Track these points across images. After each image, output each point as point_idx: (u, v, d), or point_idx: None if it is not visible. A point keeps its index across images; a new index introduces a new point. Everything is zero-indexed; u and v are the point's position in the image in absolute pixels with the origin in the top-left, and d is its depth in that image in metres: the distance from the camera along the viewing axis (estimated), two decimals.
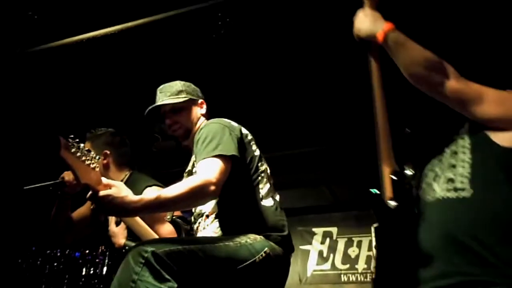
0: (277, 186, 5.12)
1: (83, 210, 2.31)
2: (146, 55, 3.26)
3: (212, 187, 1.52)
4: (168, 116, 1.90)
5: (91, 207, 2.21)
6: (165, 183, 1.89)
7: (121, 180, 2.20)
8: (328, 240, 5.82)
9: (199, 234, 1.73)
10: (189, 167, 1.83)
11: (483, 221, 1.17)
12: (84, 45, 3.05)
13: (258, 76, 3.56)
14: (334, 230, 5.84)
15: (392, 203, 1.32)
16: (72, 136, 1.59)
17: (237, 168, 1.64)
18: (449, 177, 1.30)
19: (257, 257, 1.52)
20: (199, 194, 1.52)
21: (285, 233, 1.67)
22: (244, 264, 1.49)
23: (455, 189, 1.25)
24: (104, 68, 3.44)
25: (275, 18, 2.99)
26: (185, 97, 1.91)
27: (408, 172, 1.43)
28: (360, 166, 4.90)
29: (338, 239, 5.77)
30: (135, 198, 1.44)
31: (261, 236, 1.59)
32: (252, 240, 1.56)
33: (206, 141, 1.65)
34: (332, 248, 5.74)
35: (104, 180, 1.47)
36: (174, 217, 1.75)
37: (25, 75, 3.47)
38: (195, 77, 2.41)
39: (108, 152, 2.27)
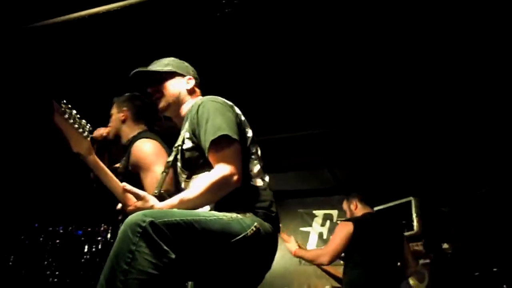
0: (279, 168, 5.13)
1: None
2: (148, 32, 3.22)
3: (235, 177, 1.57)
4: (151, 84, 1.90)
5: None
6: None
7: (133, 136, 2.35)
8: (328, 222, 5.86)
9: None
10: (178, 142, 1.80)
11: None
12: (86, 22, 3.02)
13: (263, 56, 3.53)
14: (334, 212, 5.87)
15: None
16: (64, 101, 1.59)
17: None
18: None
19: (248, 231, 1.52)
20: (222, 188, 1.57)
21: (273, 213, 1.67)
22: (237, 238, 1.49)
23: None
24: (106, 45, 3.41)
25: None
26: (170, 69, 1.90)
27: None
28: (361, 149, 4.91)
29: (338, 222, 5.80)
30: (161, 205, 1.53)
31: (251, 213, 1.60)
32: (242, 215, 1.57)
33: (210, 120, 1.64)
34: (332, 231, 5.76)
35: (127, 186, 1.57)
36: (162, 191, 1.75)
37: (25, 51, 3.44)
38: (196, 55, 2.40)
39: (126, 108, 2.44)
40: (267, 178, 1.76)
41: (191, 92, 1.92)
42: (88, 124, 1.69)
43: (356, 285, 3.00)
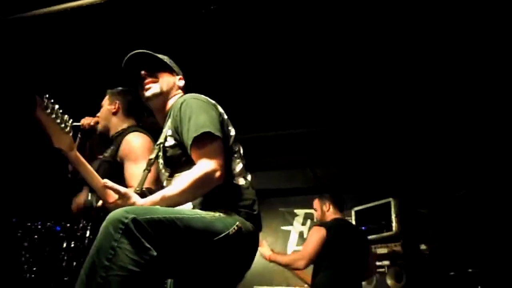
0: (261, 167, 5.13)
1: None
2: (131, 27, 3.19)
3: (218, 174, 1.56)
4: (146, 68, 1.87)
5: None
6: None
7: (122, 128, 2.39)
8: (309, 221, 5.89)
9: None
10: (160, 140, 1.79)
11: None
12: (69, 14, 2.97)
13: (246, 54, 3.53)
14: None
15: None
16: (47, 96, 1.57)
17: None
18: None
19: (230, 229, 1.52)
20: (205, 185, 1.56)
21: (255, 211, 1.68)
22: (219, 236, 1.49)
23: None
24: (88, 39, 3.36)
25: None
26: (167, 63, 1.92)
27: None
28: (343, 150, 4.96)
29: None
30: (142, 201, 1.51)
31: (233, 212, 1.61)
32: (224, 214, 1.57)
33: (193, 117, 1.64)
34: None
35: (108, 183, 1.53)
36: (143, 189, 1.74)
37: (6, 43, 3.38)
38: (180, 51, 2.39)
39: (118, 101, 2.48)
40: (249, 177, 1.77)
41: (180, 90, 1.93)
42: (71, 120, 1.67)
43: (325, 284, 3.05)
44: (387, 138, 4.67)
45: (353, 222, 4.82)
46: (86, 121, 2.49)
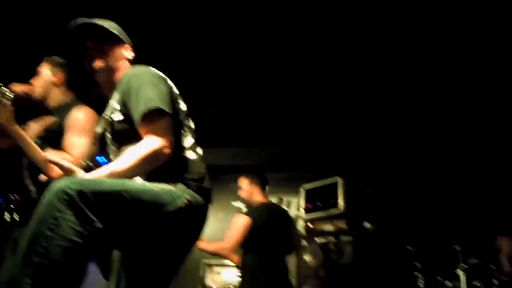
0: (215, 143, 5.10)
1: None
2: None
3: (166, 151, 1.54)
4: (92, 39, 1.80)
5: None
6: None
7: (65, 101, 2.35)
8: None
9: None
10: (107, 112, 1.75)
11: None
12: None
13: (204, 28, 3.48)
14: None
15: None
16: None
17: None
18: None
19: (179, 202, 1.53)
20: (153, 161, 1.53)
21: (205, 185, 1.68)
22: (167, 209, 1.49)
23: None
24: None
25: None
26: (116, 33, 1.84)
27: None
28: (295, 129, 5.04)
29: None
30: (88, 176, 1.45)
31: (182, 185, 1.60)
32: (174, 187, 1.57)
33: (142, 91, 1.60)
34: None
35: (51, 157, 1.48)
36: (89, 163, 1.70)
37: None
38: (130, 20, 2.30)
39: (61, 72, 2.43)
40: (200, 151, 1.76)
41: (128, 62, 1.87)
42: (12, 94, 1.59)
43: (254, 269, 3.19)
44: (339, 120, 4.78)
45: (303, 200, 4.95)
46: (19, 87, 2.32)
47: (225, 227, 3.66)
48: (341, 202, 4.52)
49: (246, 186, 3.61)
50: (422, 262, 3.73)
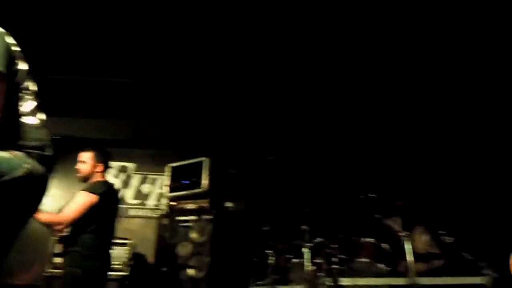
0: (81, 114, 4.80)
1: None
2: None
3: None
4: None
5: None
6: None
7: None
8: (122, 174, 5.80)
9: None
10: None
11: None
12: None
13: None
14: (130, 165, 5.84)
15: None
16: None
17: None
18: None
19: (17, 171, 1.44)
20: None
21: (48, 153, 1.59)
22: (4, 178, 1.39)
23: None
24: None
25: None
26: None
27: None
28: (165, 105, 4.98)
29: (133, 175, 5.81)
30: None
31: (22, 153, 1.50)
32: (11, 154, 1.46)
33: None
34: (126, 183, 5.76)
35: None
36: None
37: None
38: None
39: None
40: (43, 117, 1.65)
41: None
42: None
43: (91, 247, 3.13)
44: (210, 99, 4.84)
45: (169, 178, 4.94)
46: None
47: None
48: (205, 181, 4.62)
49: (89, 161, 3.39)
50: (274, 241, 3.99)
